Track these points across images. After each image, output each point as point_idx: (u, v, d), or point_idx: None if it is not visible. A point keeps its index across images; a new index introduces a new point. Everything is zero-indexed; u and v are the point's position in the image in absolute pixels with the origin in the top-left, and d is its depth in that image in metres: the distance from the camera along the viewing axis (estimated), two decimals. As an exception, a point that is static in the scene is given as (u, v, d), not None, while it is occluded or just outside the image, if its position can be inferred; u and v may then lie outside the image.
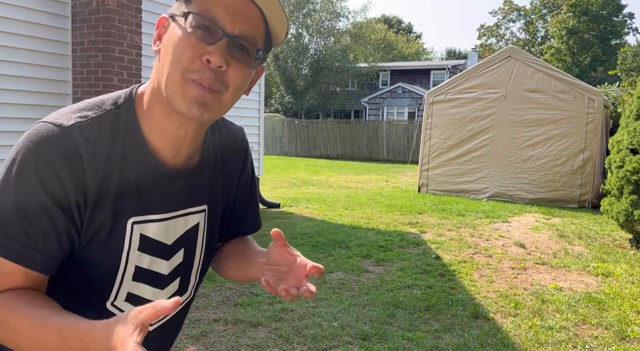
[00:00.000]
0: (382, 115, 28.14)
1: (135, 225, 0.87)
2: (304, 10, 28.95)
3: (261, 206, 8.22)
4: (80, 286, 0.88)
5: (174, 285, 0.98)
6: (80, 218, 0.81)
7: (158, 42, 0.85)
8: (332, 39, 29.60)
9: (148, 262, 0.91)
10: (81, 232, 0.82)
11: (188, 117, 0.81)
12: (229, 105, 0.85)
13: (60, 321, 0.72)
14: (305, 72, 29.34)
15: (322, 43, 29.41)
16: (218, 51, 0.78)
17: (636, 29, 37.43)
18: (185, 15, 0.79)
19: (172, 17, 0.83)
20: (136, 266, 0.90)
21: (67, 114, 0.82)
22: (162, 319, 1.00)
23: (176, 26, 0.81)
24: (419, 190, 10.49)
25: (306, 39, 29.36)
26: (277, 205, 8.31)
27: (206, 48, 0.78)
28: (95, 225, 0.83)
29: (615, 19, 35.41)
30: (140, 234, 0.88)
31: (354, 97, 29.68)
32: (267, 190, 10.28)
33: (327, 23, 29.26)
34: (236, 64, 0.81)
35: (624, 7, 35.77)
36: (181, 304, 1.02)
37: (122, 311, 0.92)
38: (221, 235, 1.08)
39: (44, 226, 0.77)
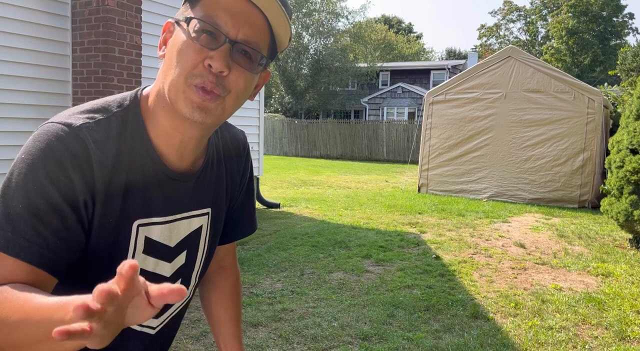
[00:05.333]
0: (382, 115, 28.13)
1: (140, 228, 0.87)
2: (304, 10, 28.93)
3: (261, 206, 8.23)
4: (86, 292, 0.87)
5: None
6: (88, 219, 0.81)
7: (164, 46, 0.85)
8: (332, 39, 29.58)
9: (152, 264, 0.91)
10: (89, 234, 0.82)
11: (191, 121, 0.82)
12: (232, 110, 0.85)
13: (46, 298, 0.66)
14: (305, 72, 29.31)
15: (322, 43, 29.40)
16: (220, 56, 0.78)
17: (636, 29, 37.44)
18: (188, 20, 0.79)
19: (177, 22, 0.83)
20: (141, 270, 0.89)
21: (75, 115, 0.82)
22: (164, 321, 1.00)
23: (180, 31, 0.81)
24: (419, 190, 10.49)
25: (306, 39, 29.34)
26: (277, 205, 8.31)
27: (208, 53, 0.78)
28: (102, 227, 0.82)
29: (615, 19, 35.42)
30: (145, 237, 0.88)
31: (354, 97, 29.66)
32: (267, 190, 10.28)
33: (327, 23, 29.25)
34: (238, 69, 0.81)
35: (624, 7, 35.78)
36: (181, 305, 1.03)
37: None
38: (220, 238, 1.08)
39: (54, 225, 0.76)
